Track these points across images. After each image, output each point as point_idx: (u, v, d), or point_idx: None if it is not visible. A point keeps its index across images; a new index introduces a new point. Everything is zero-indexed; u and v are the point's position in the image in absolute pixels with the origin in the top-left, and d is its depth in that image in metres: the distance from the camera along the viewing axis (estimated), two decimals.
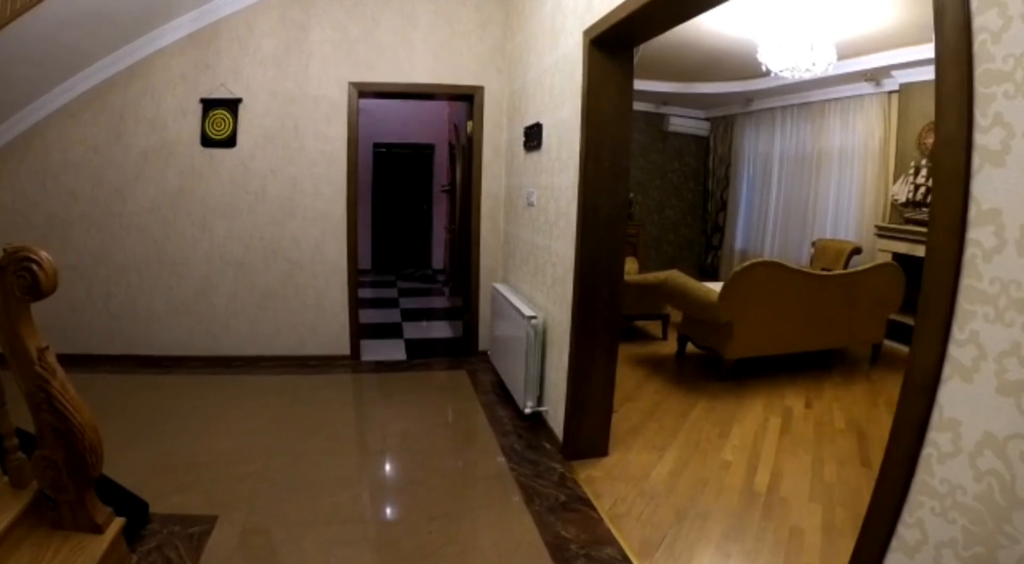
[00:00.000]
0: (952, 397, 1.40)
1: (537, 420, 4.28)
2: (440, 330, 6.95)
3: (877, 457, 4.01)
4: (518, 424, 4.32)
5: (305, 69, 5.39)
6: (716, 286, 5.47)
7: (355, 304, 5.65)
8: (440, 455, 3.92)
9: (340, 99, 5.44)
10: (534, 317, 4.13)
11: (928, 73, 6.59)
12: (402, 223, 10.96)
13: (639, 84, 9.15)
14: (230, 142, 5.33)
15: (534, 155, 4.60)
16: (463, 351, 6.04)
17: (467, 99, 5.80)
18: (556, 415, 3.94)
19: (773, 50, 5.77)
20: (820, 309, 5.55)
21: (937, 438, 1.44)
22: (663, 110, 10.70)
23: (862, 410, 4.86)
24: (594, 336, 3.61)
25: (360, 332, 5.82)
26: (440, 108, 10.00)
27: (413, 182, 10.88)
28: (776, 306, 5.30)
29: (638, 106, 10.58)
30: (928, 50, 6.20)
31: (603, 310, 3.60)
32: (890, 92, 7.50)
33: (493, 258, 5.89)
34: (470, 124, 5.81)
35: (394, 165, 10.75)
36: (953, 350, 1.39)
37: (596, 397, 3.69)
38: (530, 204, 4.69)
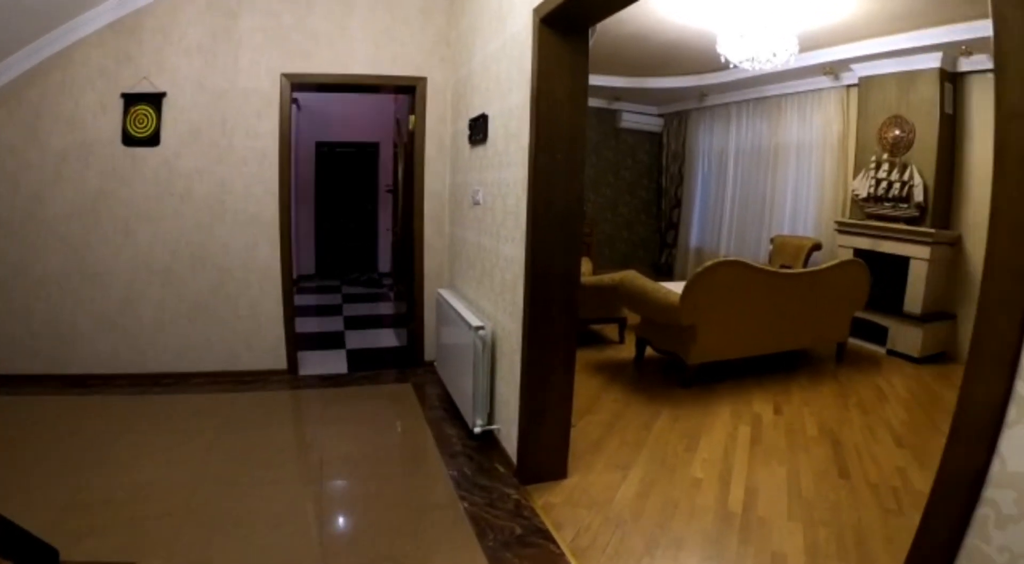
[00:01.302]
0: (1018, 446, 1.08)
1: (488, 439, 3.93)
2: (385, 338, 6.54)
3: (855, 467, 3.78)
4: (468, 444, 3.95)
5: (234, 60, 4.94)
6: (675, 286, 5.20)
7: (291, 314, 5.23)
8: (383, 483, 3.53)
9: (271, 92, 5.01)
10: (481, 327, 3.77)
11: (889, 66, 6.49)
12: (347, 225, 10.51)
13: (591, 79, 9.02)
14: (153, 140, 4.86)
15: (479, 149, 4.25)
16: (408, 362, 5.65)
17: (408, 91, 5.41)
18: (509, 434, 3.59)
19: (733, 41, 5.51)
20: (786, 309, 5.32)
21: (997, 496, 1.13)
22: (615, 106, 10.49)
23: (833, 414, 4.63)
24: (549, 348, 3.27)
25: (299, 344, 5.40)
26: (384, 104, 9.57)
27: (358, 182, 10.44)
28: (741, 307, 5.04)
29: (590, 102, 10.23)
30: (889, 43, 6.08)
31: (559, 318, 3.26)
32: (848, 86, 7.38)
33: (438, 262, 5.52)
34: (412, 118, 5.43)
35: (338, 165, 10.30)
36: (1021, 387, 1.07)
37: (552, 414, 3.35)
38: (476, 203, 4.33)
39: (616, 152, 10.85)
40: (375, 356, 5.95)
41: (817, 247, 7.47)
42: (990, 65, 5.76)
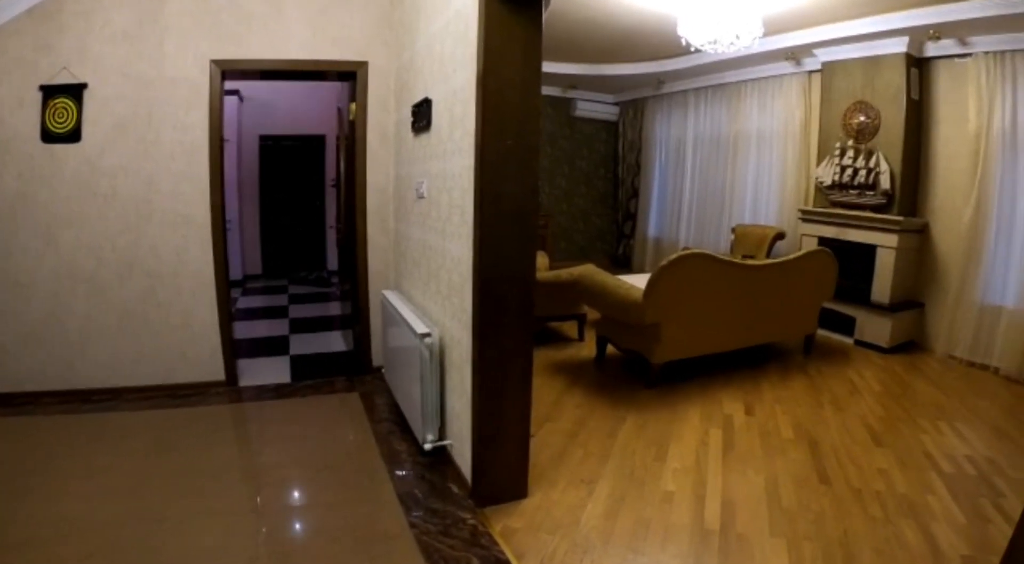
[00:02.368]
0: None
1: (441, 455, 3.61)
2: (333, 342, 6.17)
3: (835, 471, 3.54)
4: (419, 461, 3.62)
5: (160, 46, 4.51)
6: (635, 280, 4.95)
7: (228, 321, 4.83)
8: (326, 512, 3.18)
9: (200, 80, 4.58)
10: (427, 335, 3.44)
11: (853, 51, 6.32)
12: (294, 222, 10.07)
13: (544, 66, 8.68)
14: (74, 136, 4.42)
15: (423, 138, 3.91)
16: (356, 368, 5.29)
17: (349, 77, 5.04)
18: (463, 450, 3.28)
19: (694, 23, 5.25)
20: (754, 302, 5.11)
21: None
22: (570, 94, 10.25)
23: (807, 412, 4.42)
24: (502, 358, 2.96)
25: (240, 351, 5.03)
26: (330, 94, 9.13)
27: (304, 177, 9.99)
28: (707, 302, 4.80)
29: (544, 90, 9.94)
30: (854, 27, 5.88)
31: (513, 325, 2.95)
32: (811, 72, 7.20)
33: (383, 261, 5.17)
34: (352, 106, 5.07)
35: (283, 159, 9.84)
36: None
37: (509, 428, 3.04)
38: (420, 197, 4.00)
39: (571, 142, 10.62)
40: (321, 362, 5.58)
41: (780, 236, 7.31)
42: (958, 50, 5.64)
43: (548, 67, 8.57)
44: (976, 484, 3.46)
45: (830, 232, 6.63)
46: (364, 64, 4.91)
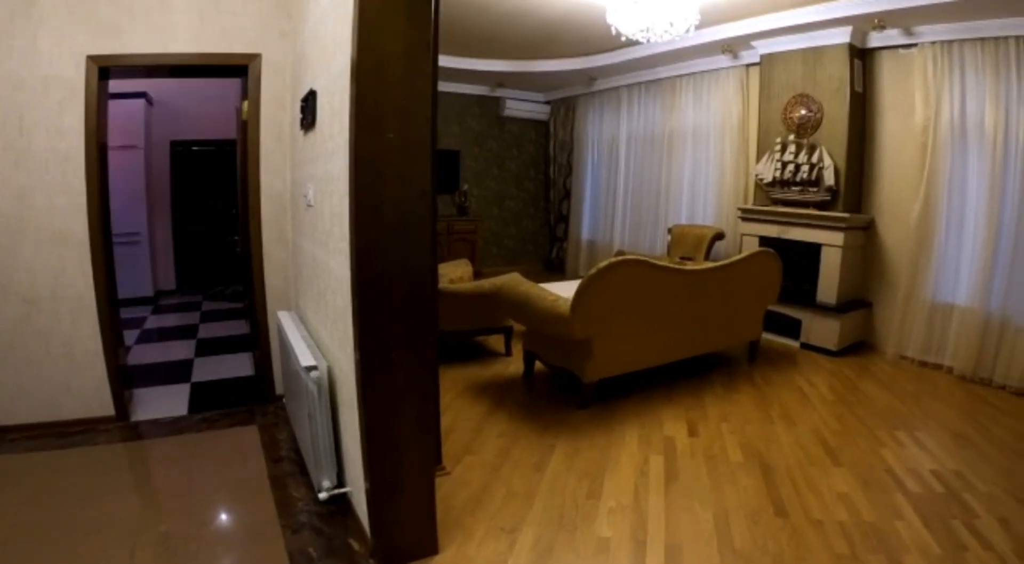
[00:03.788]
0: None
1: (341, 504, 3.07)
2: (239, 366, 5.54)
3: (792, 500, 3.11)
4: (316, 511, 3.06)
5: (33, 41, 3.87)
6: (563, 288, 4.50)
7: (114, 349, 4.21)
8: None
9: (76, 79, 3.95)
10: (314, 367, 2.90)
11: (794, 42, 6.04)
12: (209, 233, 9.33)
13: (469, 63, 8.33)
14: None
15: (311, 136, 3.38)
16: (257, 397, 4.68)
17: (241, 72, 4.49)
18: (362, 501, 2.75)
19: (625, 9, 4.86)
20: (695, 310, 4.71)
21: None
22: (499, 93, 9.88)
23: (757, 429, 4.01)
24: (392, 395, 2.43)
25: (137, 380, 4.43)
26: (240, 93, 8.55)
27: (219, 184, 9.27)
28: (643, 312, 4.36)
29: (471, 89, 9.82)
30: (795, 16, 5.58)
31: (405, 356, 2.43)
32: (749, 65, 6.92)
33: (283, 277, 4.59)
34: (245, 104, 4.52)
35: (196, 165, 9.08)
36: None
37: (408, 478, 2.52)
38: (308, 205, 3.46)
39: (501, 142, 10.27)
40: (222, 390, 4.97)
41: (719, 236, 7.01)
42: (903, 40, 5.39)
43: (473, 64, 8.25)
44: (946, 504, 3.13)
45: (772, 231, 6.31)
46: (256, 57, 4.35)
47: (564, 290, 4.42)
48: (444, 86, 9.23)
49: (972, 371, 5.12)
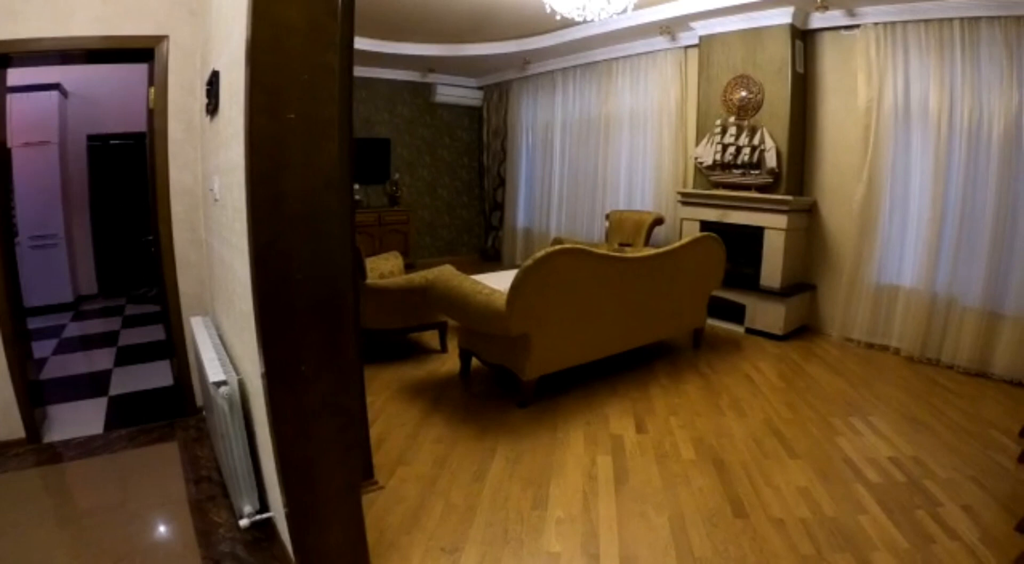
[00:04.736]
0: None
1: (267, 529, 2.71)
2: (160, 375, 5.10)
3: (750, 498, 2.89)
4: (240, 539, 2.69)
5: None
6: (499, 280, 4.22)
7: (20, 366, 3.71)
8: None
9: None
10: (224, 383, 2.56)
11: (734, 23, 5.88)
12: (132, 232, 8.72)
13: (398, 47, 7.88)
14: None
15: (216, 122, 2.98)
16: (178, 409, 4.26)
17: (146, 56, 4.06)
18: (286, 526, 2.41)
19: None
20: (638, 299, 4.49)
21: None
22: (430, 79, 9.53)
23: (707, 423, 3.81)
24: (304, 413, 2.07)
25: (52, 395, 4.00)
26: None
27: (140, 180, 8.67)
28: (583, 304, 4.10)
29: (401, 75, 9.41)
30: None
31: (319, 367, 2.07)
32: (687, 47, 6.74)
33: (197, 280, 4.17)
34: (152, 92, 4.11)
35: (115, 160, 8.43)
36: None
37: (330, 503, 2.18)
38: (215, 199, 3.09)
39: (432, 129, 9.94)
40: (142, 403, 4.52)
41: (659, 221, 6.86)
42: (846, 21, 5.31)
43: (403, 49, 7.90)
44: (908, 493, 2.99)
45: (713, 215, 6.16)
46: (163, 39, 3.92)
47: (500, 281, 4.14)
48: (373, 72, 8.87)
49: (920, 352, 5.06)
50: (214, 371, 2.62)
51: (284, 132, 1.93)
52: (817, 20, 5.55)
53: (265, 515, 2.64)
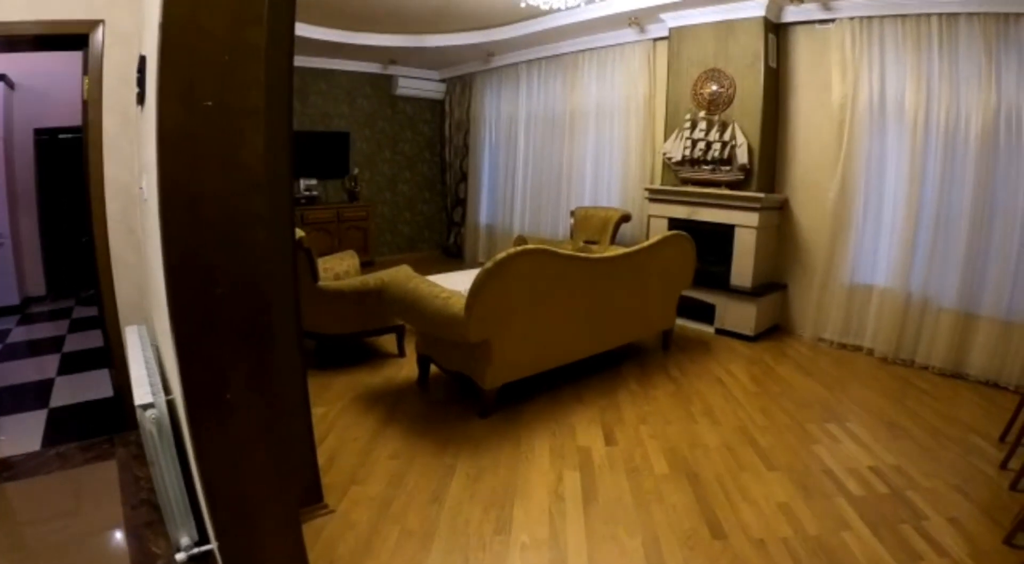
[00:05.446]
0: None
1: (209, 561, 2.46)
2: (103, 385, 4.76)
3: (728, 516, 2.69)
4: None
5: None
6: (459, 281, 3.99)
7: None
8: None
9: None
10: (150, 405, 2.28)
11: (705, 15, 5.71)
12: (81, 230, 8.29)
13: (358, 38, 7.47)
14: None
15: (144, 113, 2.73)
16: (118, 423, 3.95)
17: (80, 43, 3.75)
18: None
19: None
20: (605, 301, 4.28)
21: None
22: (391, 71, 9.23)
23: (680, 432, 3.62)
24: (234, 440, 1.77)
25: None
26: None
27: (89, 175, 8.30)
28: (548, 308, 3.88)
29: (361, 67, 9.07)
30: None
31: (249, 394, 1.78)
32: (656, 39, 6.55)
33: (135, 285, 3.84)
34: (86, 81, 3.80)
35: (64, 156, 8.00)
36: None
37: (271, 533, 1.93)
38: (145, 199, 2.82)
39: (393, 123, 9.65)
40: (83, 415, 4.18)
41: (625, 219, 6.67)
42: (821, 15, 5.18)
43: (364, 39, 7.62)
44: (892, 506, 2.84)
45: (682, 212, 5.99)
46: (98, 24, 3.63)
47: (460, 282, 3.90)
48: (332, 63, 8.58)
49: (894, 353, 4.96)
50: (141, 392, 2.34)
51: (200, 123, 1.64)
52: (791, 13, 5.41)
53: (204, 547, 2.38)
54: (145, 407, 2.23)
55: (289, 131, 2.41)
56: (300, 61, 8.19)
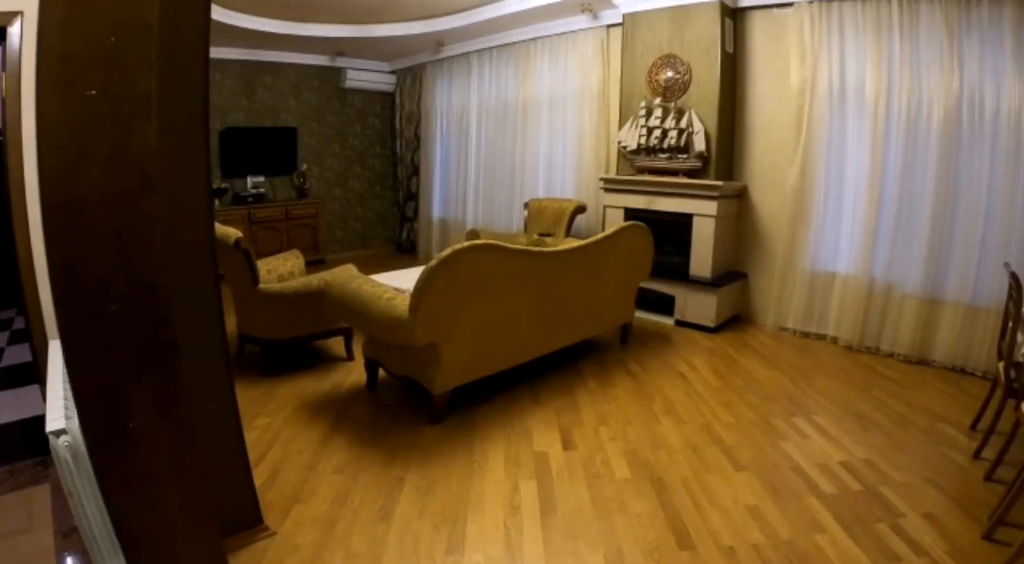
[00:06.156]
0: None
1: None
2: (38, 402, 4.42)
3: (695, 523, 2.49)
4: None
5: None
6: (410, 277, 3.76)
7: None
8: None
9: None
10: (62, 431, 2.00)
11: (658, 0, 5.52)
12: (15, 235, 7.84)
13: (303, 29, 7.09)
14: None
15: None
16: (47, 444, 3.66)
17: None
18: None
19: None
20: (561, 297, 4.07)
21: None
22: (339, 63, 8.93)
23: (641, 432, 3.44)
24: (139, 476, 1.58)
25: None
26: None
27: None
28: (500, 305, 3.64)
29: (308, 59, 8.74)
30: None
31: (155, 423, 1.58)
32: (610, 26, 6.38)
33: None
34: (4, 78, 3.49)
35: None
36: None
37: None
38: None
39: (342, 117, 9.36)
40: (14, 436, 3.85)
41: (581, 210, 6.52)
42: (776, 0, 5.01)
43: (310, 30, 7.32)
44: (866, 504, 2.71)
45: (638, 202, 5.83)
46: (15, 16, 3.34)
47: (409, 280, 3.66)
48: (278, 56, 8.26)
49: (858, 340, 4.88)
50: (54, 416, 2.06)
51: (82, 115, 1.43)
52: None
53: None
54: (57, 433, 1.96)
55: (204, 119, 2.16)
56: (245, 54, 7.88)
